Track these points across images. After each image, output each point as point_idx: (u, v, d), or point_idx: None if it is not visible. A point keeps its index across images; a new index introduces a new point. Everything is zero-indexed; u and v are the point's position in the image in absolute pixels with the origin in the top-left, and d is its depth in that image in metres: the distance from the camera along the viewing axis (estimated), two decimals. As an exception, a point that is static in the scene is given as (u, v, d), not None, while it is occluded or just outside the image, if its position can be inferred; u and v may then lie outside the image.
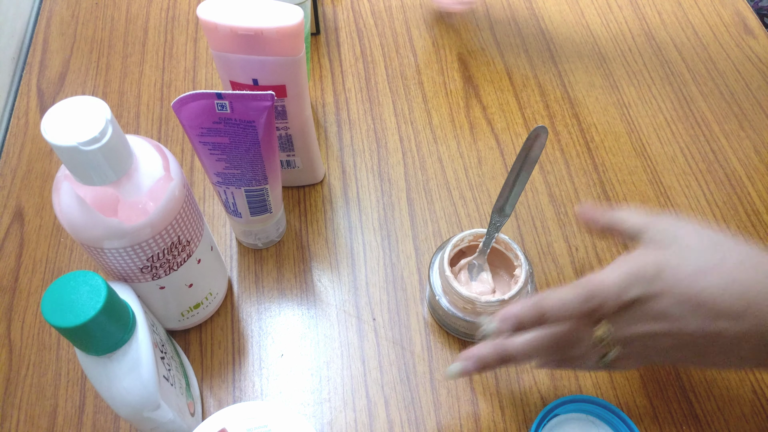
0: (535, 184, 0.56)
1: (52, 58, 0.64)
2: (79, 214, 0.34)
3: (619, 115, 0.60)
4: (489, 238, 0.46)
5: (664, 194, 0.55)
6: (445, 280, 0.44)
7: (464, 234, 0.46)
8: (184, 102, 0.38)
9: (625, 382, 0.46)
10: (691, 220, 0.37)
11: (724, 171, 0.57)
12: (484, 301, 0.43)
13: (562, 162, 0.57)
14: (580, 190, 0.55)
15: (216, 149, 0.41)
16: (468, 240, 0.47)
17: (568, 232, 0.53)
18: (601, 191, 0.55)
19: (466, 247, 0.48)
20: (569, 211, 0.54)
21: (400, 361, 0.47)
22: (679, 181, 0.56)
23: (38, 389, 0.46)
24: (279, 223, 0.51)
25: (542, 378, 0.46)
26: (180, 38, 0.65)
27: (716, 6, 0.69)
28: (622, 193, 0.55)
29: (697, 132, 0.59)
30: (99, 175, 0.33)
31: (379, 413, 0.45)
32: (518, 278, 0.44)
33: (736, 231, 0.53)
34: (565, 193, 0.55)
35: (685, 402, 0.45)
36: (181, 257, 0.40)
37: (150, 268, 0.38)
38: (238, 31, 0.40)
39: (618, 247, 0.52)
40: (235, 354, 0.47)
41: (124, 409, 0.35)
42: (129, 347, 0.35)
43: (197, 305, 0.45)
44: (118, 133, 0.32)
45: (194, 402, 0.43)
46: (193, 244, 0.40)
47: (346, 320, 0.49)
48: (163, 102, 0.61)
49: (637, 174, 0.56)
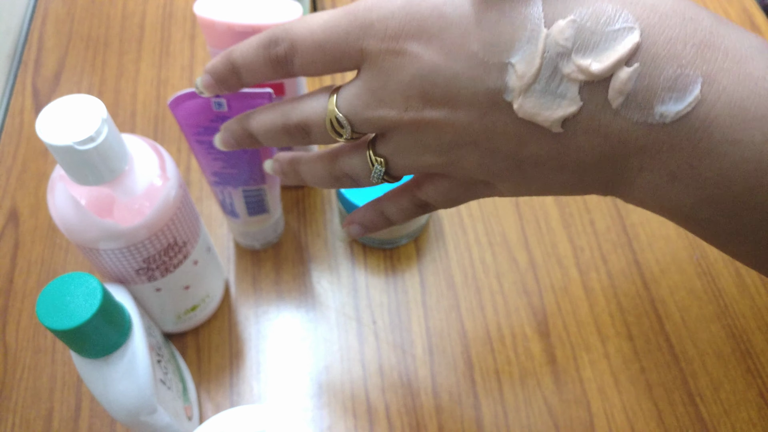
0: (538, 184, 0.55)
1: (48, 56, 0.63)
2: (74, 214, 0.34)
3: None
4: None
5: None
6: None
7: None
8: (180, 100, 0.37)
9: (630, 386, 0.45)
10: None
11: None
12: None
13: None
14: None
15: (213, 148, 0.40)
16: None
17: (573, 232, 0.52)
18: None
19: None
20: (574, 211, 0.53)
21: (401, 365, 0.46)
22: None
23: (33, 392, 0.45)
24: (277, 223, 0.50)
25: (547, 382, 0.45)
26: (177, 35, 0.65)
27: (722, 2, 0.68)
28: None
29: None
30: (94, 174, 0.32)
31: (380, 418, 0.44)
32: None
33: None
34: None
35: (691, 405, 0.45)
36: (178, 259, 0.39)
37: (146, 270, 0.38)
38: (235, 28, 0.39)
39: (624, 249, 0.51)
40: (233, 357, 0.47)
41: (121, 413, 0.34)
42: (125, 350, 0.34)
43: (194, 308, 0.45)
44: (113, 132, 0.32)
45: (191, 406, 0.43)
46: (189, 246, 0.40)
47: (346, 323, 0.48)
48: (160, 100, 0.60)
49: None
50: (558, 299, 0.49)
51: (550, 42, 0.22)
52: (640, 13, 0.21)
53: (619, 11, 0.21)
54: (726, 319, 0.48)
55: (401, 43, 0.25)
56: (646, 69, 0.21)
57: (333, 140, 0.29)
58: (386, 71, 0.25)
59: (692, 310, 0.48)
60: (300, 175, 0.34)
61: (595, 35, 0.21)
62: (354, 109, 0.27)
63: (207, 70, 0.31)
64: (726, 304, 0.49)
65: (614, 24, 0.21)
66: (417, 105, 0.25)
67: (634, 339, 0.47)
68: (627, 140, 0.22)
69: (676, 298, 0.49)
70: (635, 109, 0.22)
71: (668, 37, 0.21)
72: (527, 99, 0.23)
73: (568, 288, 0.49)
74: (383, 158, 0.29)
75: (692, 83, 0.21)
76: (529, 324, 0.48)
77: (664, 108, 0.21)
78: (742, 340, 0.47)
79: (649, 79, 0.21)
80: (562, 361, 0.46)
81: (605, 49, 0.21)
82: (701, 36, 0.21)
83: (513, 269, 0.50)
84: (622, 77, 0.21)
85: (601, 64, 0.21)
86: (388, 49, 0.25)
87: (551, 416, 0.44)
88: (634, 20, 0.21)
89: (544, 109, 0.23)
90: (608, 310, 0.48)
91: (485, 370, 0.46)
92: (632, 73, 0.21)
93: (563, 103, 0.22)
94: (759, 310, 0.48)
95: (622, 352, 0.47)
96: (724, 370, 0.46)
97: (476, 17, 0.23)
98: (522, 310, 0.49)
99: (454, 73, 0.24)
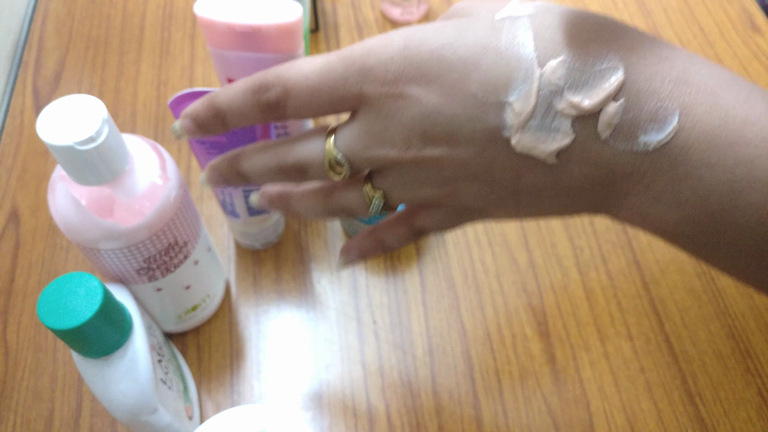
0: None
1: (48, 57, 0.64)
2: (75, 214, 0.34)
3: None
4: None
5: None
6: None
7: None
8: (180, 100, 0.37)
9: (630, 385, 0.45)
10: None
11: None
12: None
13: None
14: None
15: (213, 148, 0.40)
16: None
17: (573, 233, 0.52)
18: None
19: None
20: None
21: (402, 365, 0.46)
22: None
23: (34, 392, 0.45)
24: (277, 223, 0.50)
25: (546, 382, 0.45)
26: (177, 35, 0.65)
27: (722, 3, 0.68)
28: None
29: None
30: (95, 175, 0.32)
31: (380, 418, 0.44)
32: None
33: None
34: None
35: (691, 405, 0.45)
36: (178, 259, 0.39)
37: (146, 270, 0.38)
38: (235, 28, 0.39)
39: (624, 249, 0.51)
40: (233, 357, 0.47)
41: (121, 413, 0.35)
42: (126, 350, 0.34)
43: (195, 307, 0.45)
44: (114, 132, 0.32)
45: (192, 405, 0.43)
46: (190, 246, 0.40)
47: (346, 323, 0.48)
48: (160, 100, 0.60)
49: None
50: (558, 299, 0.49)
51: (544, 81, 0.24)
52: (622, 53, 0.23)
53: (604, 52, 0.23)
54: (725, 319, 0.48)
55: (401, 87, 0.25)
56: (631, 103, 0.23)
57: (329, 179, 0.30)
58: (386, 114, 0.26)
59: (692, 310, 0.49)
60: (291, 210, 0.34)
61: (585, 74, 0.23)
62: (353, 150, 0.28)
63: (187, 114, 0.30)
64: (725, 305, 0.49)
65: (601, 64, 0.23)
66: (418, 144, 0.26)
67: (633, 339, 0.47)
68: (615, 167, 0.24)
69: (675, 298, 0.49)
70: (622, 139, 0.24)
71: (648, 74, 0.23)
72: (524, 134, 0.24)
73: (568, 288, 0.50)
74: (381, 191, 0.30)
75: (671, 114, 0.23)
76: (529, 324, 0.48)
77: (647, 137, 0.23)
78: (742, 340, 0.47)
79: (633, 112, 0.23)
80: (562, 360, 0.46)
81: (594, 86, 0.23)
82: (676, 72, 0.23)
83: (513, 269, 0.50)
84: (611, 111, 0.23)
85: (592, 101, 0.23)
86: (389, 93, 0.26)
87: (551, 416, 0.44)
88: (618, 59, 0.23)
89: (540, 142, 0.24)
90: (608, 310, 0.48)
91: (485, 369, 0.46)
92: (619, 107, 0.23)
93: (557, 136, 0.24)
94: (758, 310, 0.48)
95: (622, 351, 0.47)
96: (723, 370, 0.46)
97: (474, 60, 0.24)
98: (522, 310, 0.49)
99: (454, 114, 0.25)
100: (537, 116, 0.24)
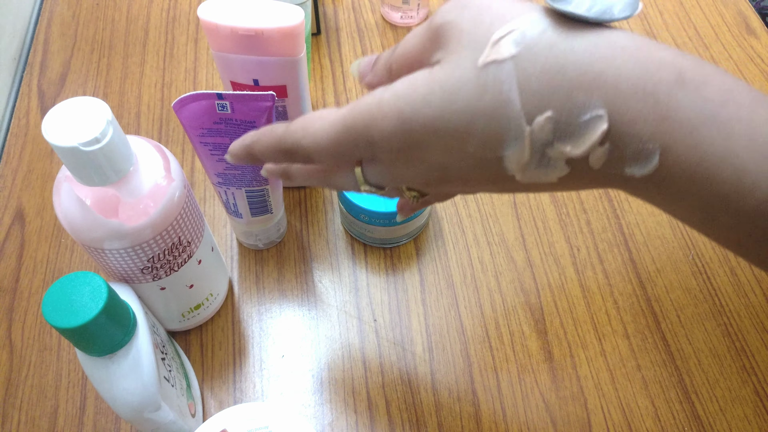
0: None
1: (53, 59, 0.64)
2: (80, 215, 0.34)
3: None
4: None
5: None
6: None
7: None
8: (184, 102, 0.37)
9: (627, 383, 0.46)
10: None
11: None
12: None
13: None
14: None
15: (217, 150, 0.41)
16: None
17: (570, 232, 0.53)
18: (603, 191, 0.55)
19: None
20: (571, 212, 0.54)
21: (402, 363, 0.47)
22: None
23: (39, 390, 0.46)
24: (280, 223, 0.51)
25: (544, 379, 0.46)
26: (180, 39, 0.65)
27: (718, 6, 0.69)
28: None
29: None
30: (100, 175, 0.33)
31: (381, 414, 0.45)
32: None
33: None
34: (566, 194, 0.55)
35: (687, 403, 0.45)
36: (182, 258, 0.40)
37: (150, 269, 0.38)
38: (238, 32, 0.40)
39: (620, 248, 0.52)
40: (236, 355, 0.47)
41: (125, 410, 0.35)
42: (130, 348, 0.35)
43: (198, 306, 0.45)
44: (118, 133, 0.32)
45: (195, 403, 0.43)
46: (193, 245, 0.40)
47: (347, 321, 0.49)
48: (164, 102, 0.61)
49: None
50: (555, 298, 0.49)
51: (534, 137, 0.26)
52: (605, 96, 0.25)
53: (589, 98, 0.25)
54: (721, 317, 0.49)
55: (407, 153, 0.28)
56: (615, 146, 0.25)
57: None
58: (402, 167, 0.30)
59: (688, 309, 0.49)
60: (291, 179, 0.36)
61: (571, 126, 0.25)
62: (383, 182, 0.31)
63: (230, 152, 0.35)
64: (721, 303, 0.49)
65: (585, 114, 0.25)
66: (436, 183, 0.30)
67: (630, 337, 0.48)
68: (611, 181, 0.27)
69: (671, 297, 0.49)
70: (611, 169, 0.26)
71: (631, 118, 0.25)
72: (526, 174, 0.27)
73: (565, 287, 0.50)
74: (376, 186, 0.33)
75: (652, 154, 0.25)
76: (526, 322, 0.48)
77: (632, 171, 0.26)
78: (737, 338, 0.48)
79: (618, 152, 0.25)
80: (559, 358, 0.47)
81: (580, 136, 0.25)
82: (659, 111, 0.24)
83: (511, 268, 0.51)
84: (598, 155, 0.25)
85: (580, 149, 0.25)
86: (398, 157, 0.29)
87: (548, 412, 0.45)
88: (602, 105, 0.25)
89: (542, 176, 0.27)
90: (604, 309, 0.49)
91: (483, 367, 0.47)
92: (604, 151, 0.25)
93: (555, 171, 0.27)
94: (754, 309, 0.49)
95: (619, 349, 0.47)
96: (719, 368, 0.46)
97: (466, 128, 0.26)
98: (519, 308, 0.49)
99: (460, 167, 0.28)
100: (533, 162, 0.26)
